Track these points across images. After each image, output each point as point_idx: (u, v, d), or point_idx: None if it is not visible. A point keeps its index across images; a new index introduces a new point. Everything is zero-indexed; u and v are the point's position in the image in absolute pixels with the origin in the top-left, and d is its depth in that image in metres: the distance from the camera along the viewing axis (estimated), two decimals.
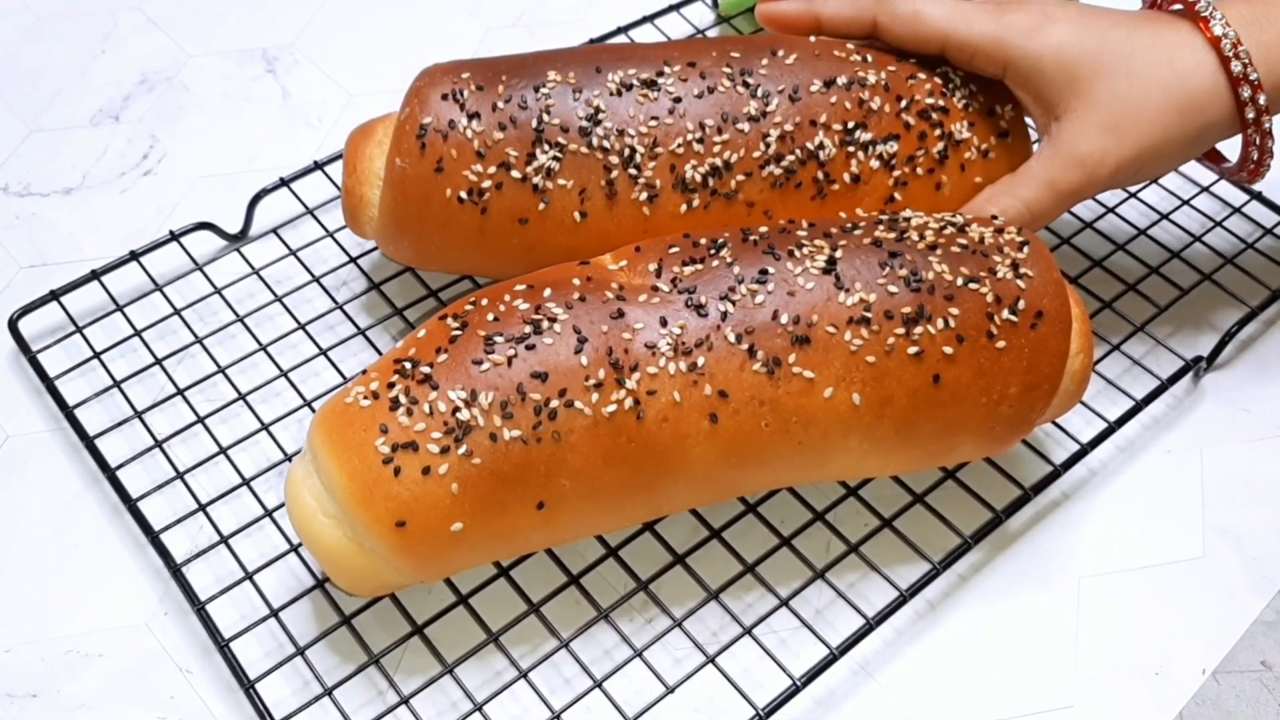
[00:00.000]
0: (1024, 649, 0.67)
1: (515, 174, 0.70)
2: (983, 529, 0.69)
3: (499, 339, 0.61)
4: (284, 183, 0.84)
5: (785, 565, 0.68)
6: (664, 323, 0.61)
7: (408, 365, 0.61)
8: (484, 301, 0.63)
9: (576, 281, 0.63)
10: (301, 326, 0.77)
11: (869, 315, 0.62)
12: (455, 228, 0.72)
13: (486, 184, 0.70)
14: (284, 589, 0.67)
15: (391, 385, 0.60)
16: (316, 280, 0.80)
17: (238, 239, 0.83)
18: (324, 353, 0.76)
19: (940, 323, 0.63)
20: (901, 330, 0.62)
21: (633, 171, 0.71)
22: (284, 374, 0.74)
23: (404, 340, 0.63)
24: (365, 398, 0.60)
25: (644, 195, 0.71)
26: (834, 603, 0.68)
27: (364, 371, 0.63)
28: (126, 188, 0.89)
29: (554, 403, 0.59)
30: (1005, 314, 0.64)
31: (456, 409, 0.59)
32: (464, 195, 0.71)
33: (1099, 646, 0.67)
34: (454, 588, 0.66)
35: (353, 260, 0.81)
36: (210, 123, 0.94)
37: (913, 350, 0.62)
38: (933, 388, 0.63)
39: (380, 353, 0.77)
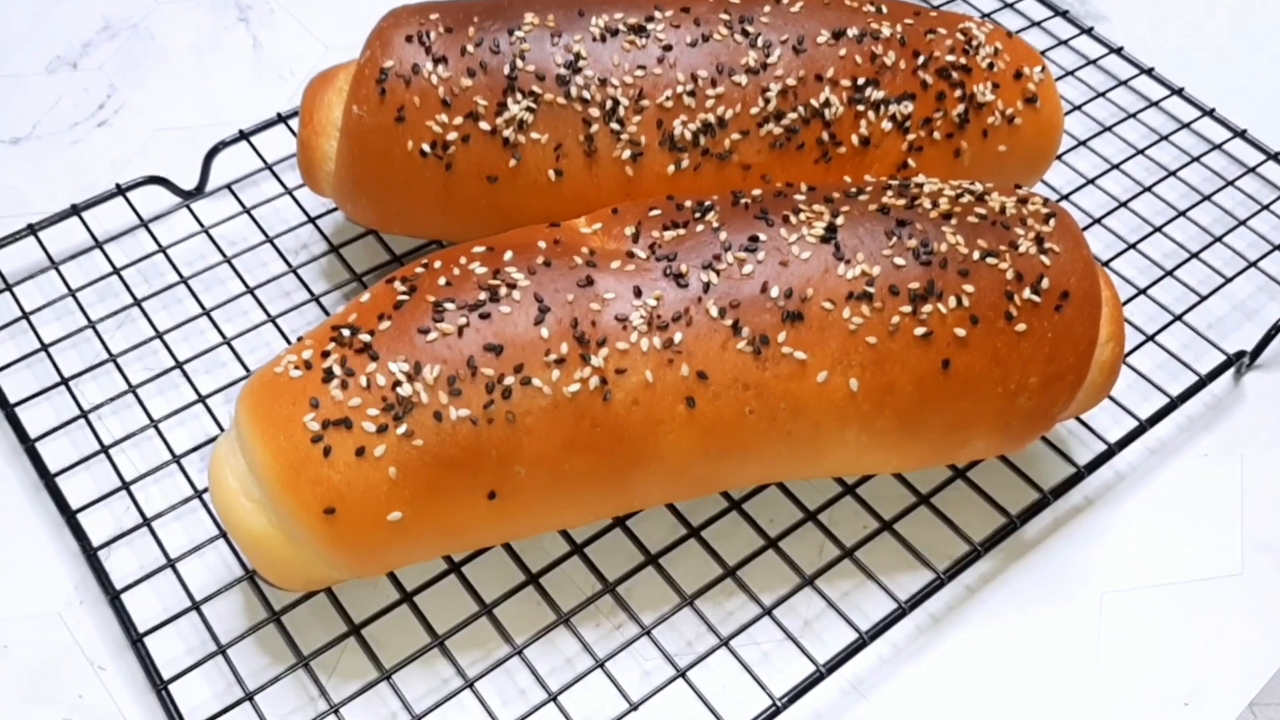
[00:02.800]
0: (1037, 672, 0.60)
1: (484, 126, 0.63)
2: (994, 536, 0.62)
3: (449, 306, 0.54)
4: (243, 136, 0.77)
5: (771, 570, 0.61)
6: (638, 293, 0.54)
7: (346, 333, 0.54)
8: (437, 264, 0.56)
9: (542, 244, 0.56)
10: (250, 291, 0.70)
11: (871, 290, 0.55)
12: (417, 185, 0.65)
13: (452, 136, 0.63)
14: (212, 579, 0.60)
15: (326, 354, 0.53)
16: (270, 241, 0.73)
17: (191, 196, 0.76)
18: (272, 320, 0.69)
19: (952, 301, 0.55)
20: (908, 308, 0.55)
21: (615, 126, 0.63)
22: (227, 342, 0.68)
23: (347, 305, 0.57)
24: (296, 368, 0.54)
25: (627, 153, 0.64)
26: (824, 613, 0.60)
27: (300, 338, 0.56)
28: (78, 139, 0.83)
29: (509, 379, 0.52)
30: (1026, 294, 0.56)
31: (397, 383, 0.52)
32: (427, 148, 0.64)
33: (1122, 672, 0.60)
34: (398, 584, 0.59)
35: (311, 221, 0.74)
36: (174, 74, 0.88)
37: (920, 332, 0.55)
38: (941, 375, 0.55)
39: None
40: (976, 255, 0.57)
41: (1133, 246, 0.76)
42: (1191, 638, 0.61)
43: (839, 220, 0.57)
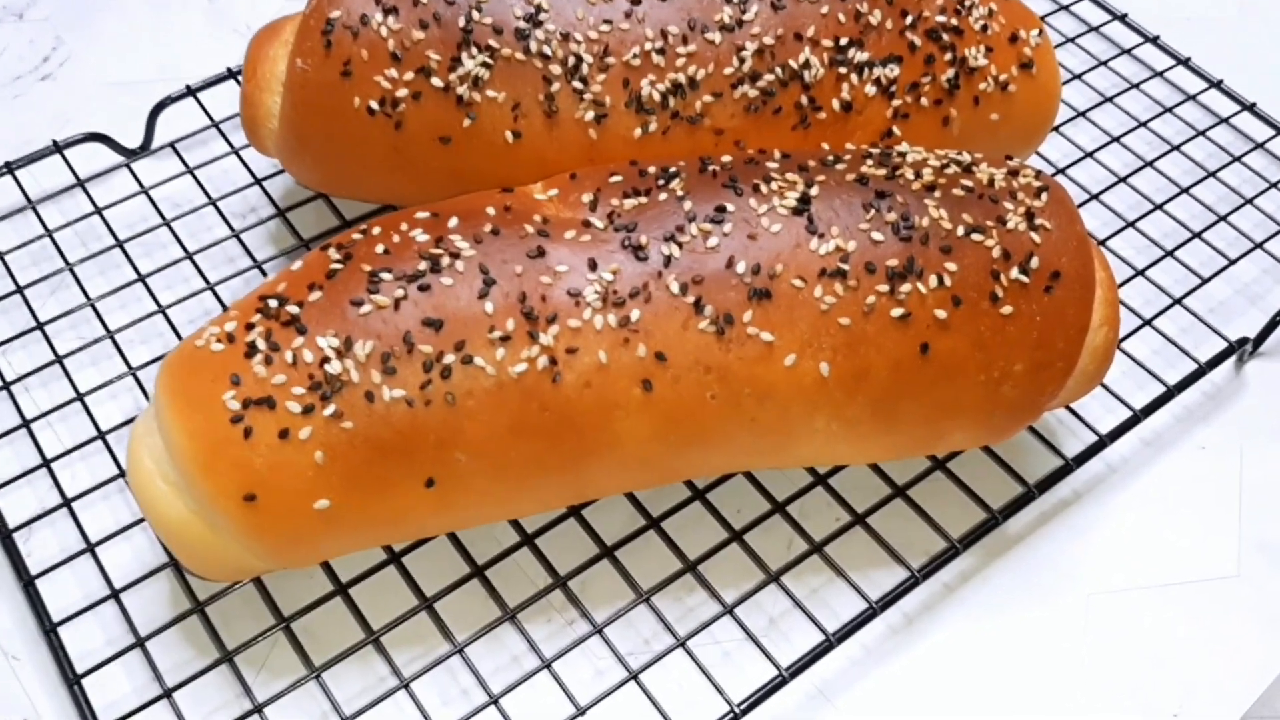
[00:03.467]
0: (1017, 678, 0.56)
1: (436, 82, 0.59)
2: (974, 532, 0.58)
3: (386, 276, 0.49)
4: (190, 92, 0.72)
5: (735, 565, 0.57)
6: (593, 266, 0.50)
7: (273, 303, 0.50)
8: (376, 230, 0.52)
9: (491, 211, 0.52)
10: (189, 256, 0.66)
11: (845, 267, 0.51)
12: (365, 145, 0.60)
13: (402, 93, 0.59)
14: (138, 565, 0.56)
15: (251, 327, 0.49)
16: (213, 204, 0.68)
17: (133, 154, 0.71)
18: (211, 287, 0.65)
19: (933, 280, 0.51)
20: (885, 287, 0.51)
21: (578, 85, 0.59)
22: (162, 310, 0.63)
23: (278, 273, 0.52)
24: (218, 341, 0.49)
25: (590, 114, 0.59)
26: (790, 611, 0.57)
27: (226, 309, 0.52)
28: (20, 93, 0.78)
29: (449, 358, 0.48)
30: (1014, 273, 0.52)
31: (326, 360, 0.48)
32: (375, 106, 0.59)
33: (1107, 679, 0.56)
34: (332, 575, 0.55)
35: (258, 182, 0.70)
36: (125, 26, 0.83)
37: (897, 313, 0.51)
38: (919, 360, 0.51)
39: None
40: (961, 231, 0.52)
41: (1131, 225, 0.71)
42: (1183, 644, 0.58)
43: (813, 191, 0.52)
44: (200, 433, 0.48)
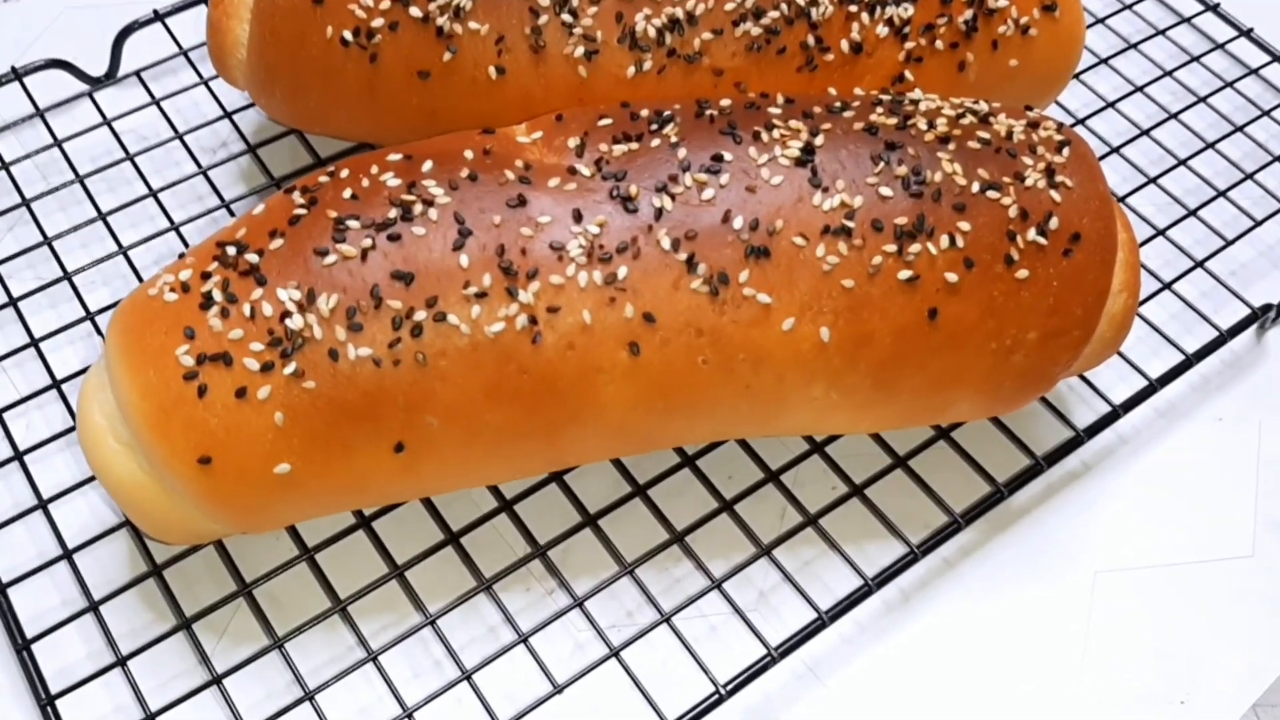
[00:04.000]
0: (1017, 660, 0.53)
1: (414, 12, 0.54)
2: (978, 506, 0.55)
3: (353, 224, 0.46)
4: (158, 17, 0.68)
5: (725, 536, 0.54)
6: (578, 217, 0.46)
7: (231, 251, 0.46)
8: (344, 173, 0.48)
9: (469, 155, 0.48)
10: (153, 194, 0.62)
11: (851, 225, 0.47)
12: (338, 79, 0.56)
13: (377, 23, 0.55)
14: (95, 522, 0.53)
15: (207, 276, 0.46)
16: (180, 138, 0.64)
17: (97, 83, 0.67)
18: (175, 228, 0.61)
19: (944, 240, 0.48)
20: (892, 247, 0.47)
21: (567, 18, 0.55)
22: (123, 251, 0.60)
23: (238, 218, 0.49)
24: (172, 290, 0.46)
25: (580, 50, 0.55)
26: (782, 585, 0.54)
27: (181, 255, 0.48)
28: None
29: (419, 314, 0.45)
30: (1031, 234, 0.49)
31: (286, 314, 0.44)
32: (348, 36, 0.55)
33: (1112, 663, 0.53)
34: (298, 539, 0.52)
35: (228, 116, 0.66)
36: None
37: (905, 275, 0.47)
38: (927, 326, 0.48)
39: None
40: (976, 187, 0.49)
41: (1153, 181, 0.67)
42: (1192, 627, 0.55)
43: (818, 140, 0.49)
44: (152, 390, 0.44)
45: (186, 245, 0.60)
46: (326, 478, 0.46)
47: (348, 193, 0.47)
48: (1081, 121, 0.70)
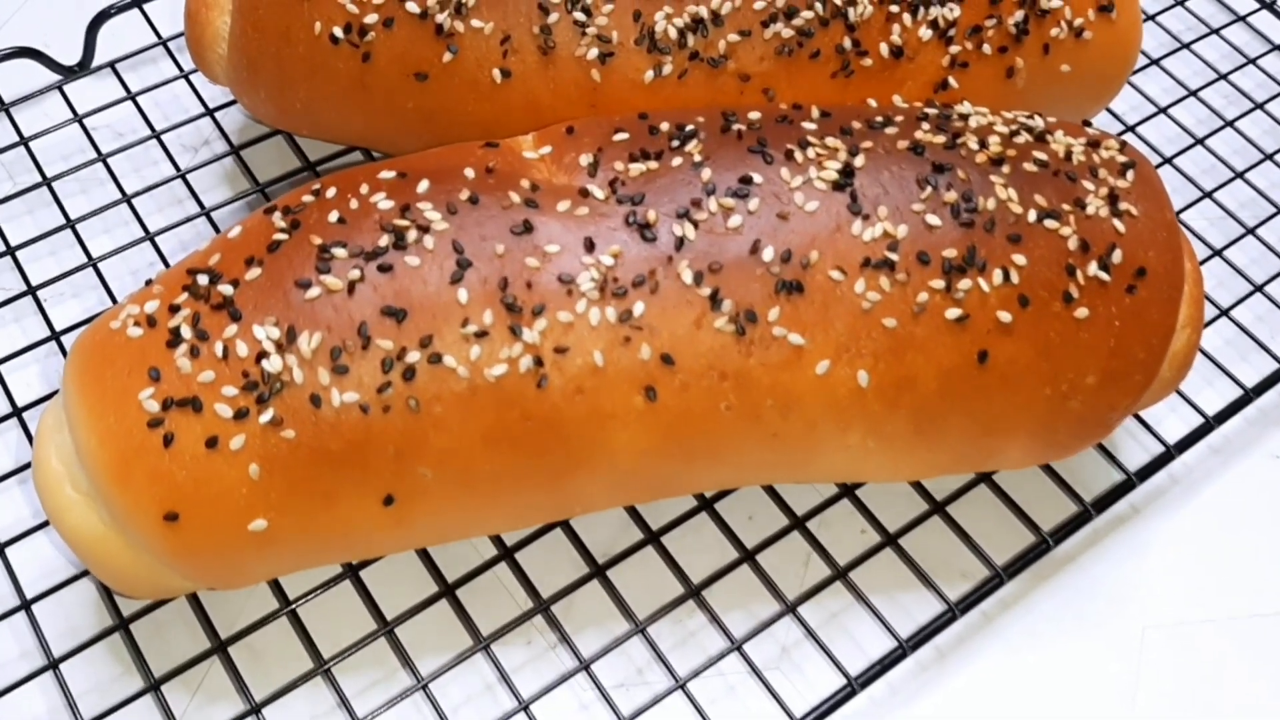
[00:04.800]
0: None
1: (412, 7, 0.50)
2: (1021, 558, 0.51)
3: (339, 252, 0.41)
4: (136, 2, 0.63)
5: (745, 588, 0.49)
6: (590, 246, 0.42)
7: (203, 280, 0.41)
8: (331, 192, 0.43)
9: (470, 173, 0.43)
10: (127, 199, 0.57)
11: (894, 258, 0.42)
12: (327, 78, 0.51)
13: (371, 18, 0.50)
14: (59, 565, 0.49)
15: (175, 309, 0.41)
16: (157, 137, 0.60)
17: (70, 74, 0.62)
18: (150, 238, 0.56)
19: (998, 275, 0.43)
20: (940, 283, 0.43)
21: (580, 16, 0.50)
22: (93, 263, 0.55)
23: (212, 240, 0.44)
24: (136, 324, 0.41)
25: (593, 52, 0.50)
26: (806, 641, 0.49)
27: (149, 282, 0.43)
28: None
29: (412, 355, 0.40)
30: (1092, 268, 0.44)
31: (263, 354, 0.40)
32: (339, 33, 0.50)
33: None
34: (279, 588, 0.47)
35: (209, 113, 0.61)
36: None
37: (953, 314, 0.43)
38: (976, 369, 0.43)
39: None
40: (1033, 216, 0.44)
41: (1208, 195, 0.63)
42: (1247, 686, 0.50)
43: (858, 161, 0.44)
44: (112, 438, 0.40)
45: (162, 256, 0.56)
46: (307, 532, 0.41)
47: (334, 215, 0.42)
48: (1132, 128, 0.65)
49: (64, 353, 0.53)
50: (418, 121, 0.52)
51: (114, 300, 0.54)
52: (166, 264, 0.55)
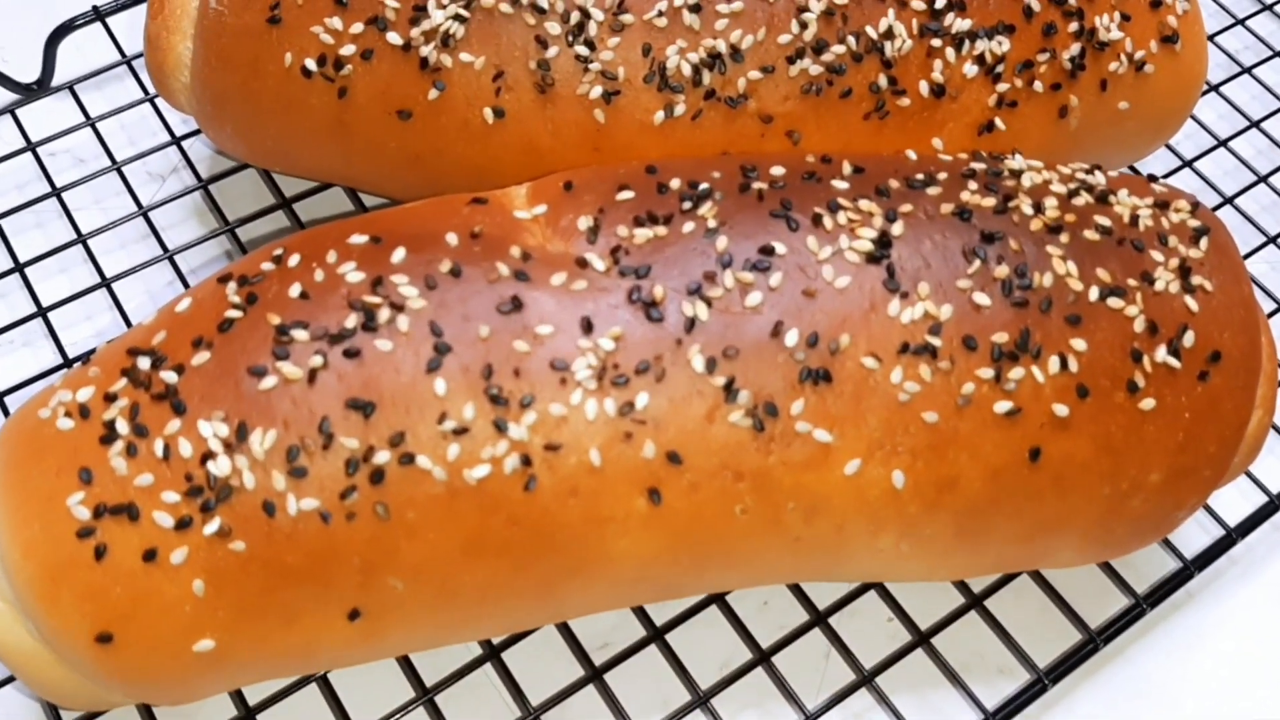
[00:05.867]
0: None
1: (393, 38, 0.44)
2: (1067, 659, 0.45)
3: (299, 334, 0.36)
4: (99, 16, 0.57)
5: (759, 691, 0.44)
6: (588, 327, 0.36)
7: (144, 363, 0.36)
8: (293, 260, 0.38)
9: (453, 239, 0.38)
10: (82, 240, 0.52)
11: (936, 342, 0.37)
12: (300, 115, 0.46)
13: (347, 50, 0.45)
14: None
15: (111, 398, 0.36)
16: (118, 169, 0.54)
17: (26, 94, 0.57)
18: (107, 284, 0.51)
19: (1054, 363, 0.38)
20: (988, 372, 0.37)
21: (582, 50, 0.44)
22: (42, 313, 0.50)
23: (159, 312, 0.38)
24: (67, 414, 0.36)
25: (597, 90, 0.45)
26: None
27: (86, 358, 0.38)
28: None
29: (381, 455, 0.35)
30: (1161, 354, 0.39)
31: (209, 454, 0.35)
32: (312, 65, 0.45)
33: None
34: (238, 694, 0.42)
35: (176, 142, 0.55)
36: None
37: (1003, 408, 0.37)
38: (1027, 468, 0.38)
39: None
40: (1095, 293, 0.38)
41: (1273, 240, 0.57)
42: None
43: (895, 228, 0.38)
44: (37, 548, 0.35)
45: (120, 308, 0.50)
46: (262, 652, 0.37)
47: (296, 289, 0.36)
48: (1189, 164, 0.59)
49: (6, 413, 0.48)
50: (401, 164, 0.47)
51: (64, 356, 0.49)
52: (124, 313, 0.50)
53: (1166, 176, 0.58)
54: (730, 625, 0.45)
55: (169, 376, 0.35)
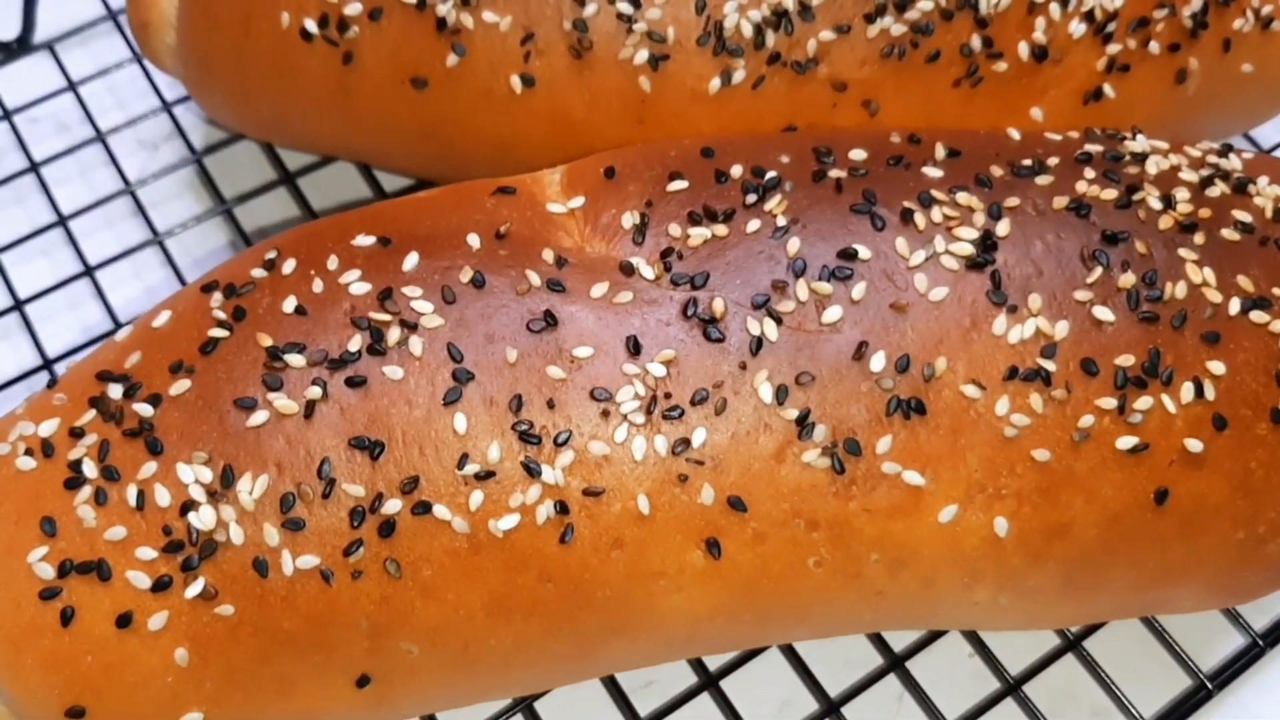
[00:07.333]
0: None
1: None
2: (1175, 710, 0.39)
3: (295, 359, 0.30)
4: None
5: None
6: (635, 349, 0.31)
7: (115, 392, 0.31)
8: (289, 266, 0.32)
9: (475, 241, 0.32)
10: (63, 221, 0.47)
11: (1050, 367, 0.31)
12: (298, 81, 0.41)
13: (353, 9, 0.39)
14: None
15: (78, 433, 0.30)
16: (102, 139, 0.49)
17: (7, 52, 0.51)
18: (90, 272, 0.46)
19: (1188, 391, 0.32)
20: (1111, 402, 0.31)
21: (625, 7, 0.38)
22: (19, 306, 0.45)
23: (132, 326, 0.33)
24: (28, 451, 0.31)
25: (642, 54, 0.39)
26: None
27: (50, 384, 0.33)
28: None
29: (392, 504, 0.30)
30: None
31: (190, 504, 0.29)
32: (312, 26, 0.39)
33: None
34: None
35: (167, 109, 0.49)
36: None
37: (1127, 444, 0.32)
38: (1151, 512, 0.33)
39: (182, 279, 0.46)
40: (1235, 306, 0.32)
41: None
42: None
43: (1000, 227, 0.32)
44: None
45: (103, 298, 0.45)
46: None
47: (290, 303, 0.31)
48: None
49: None
50: (415, 137, 0.41)
51: (43, 357, 0.44)
52: (110, 310, 0.45)
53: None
54: (794, 670, 0.40)
55: (143, 409, 0.30)
